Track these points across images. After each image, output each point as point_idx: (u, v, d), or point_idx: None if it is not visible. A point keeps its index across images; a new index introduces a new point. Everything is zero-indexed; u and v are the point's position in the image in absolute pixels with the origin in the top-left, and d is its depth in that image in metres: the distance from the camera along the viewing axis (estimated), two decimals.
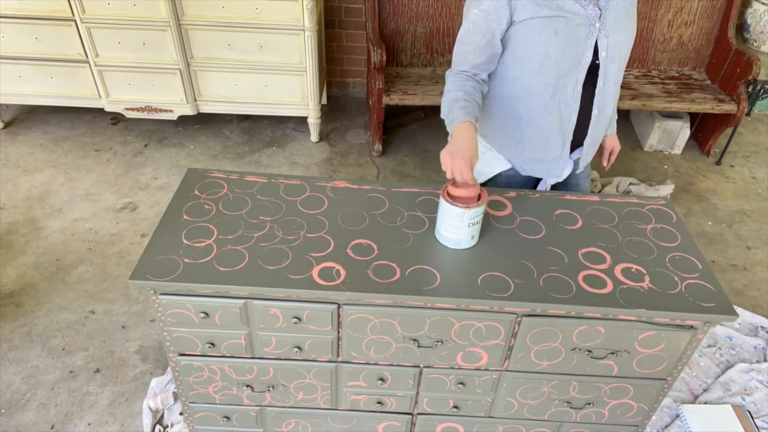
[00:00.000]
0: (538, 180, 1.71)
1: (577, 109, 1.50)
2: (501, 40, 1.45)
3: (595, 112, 1.53)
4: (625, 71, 3.46)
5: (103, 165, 3.16)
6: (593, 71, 1.46)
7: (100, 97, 3.16)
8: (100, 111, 3.45)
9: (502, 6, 1.38)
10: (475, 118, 1.42)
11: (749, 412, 2.02)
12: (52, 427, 1.94)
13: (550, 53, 1.40)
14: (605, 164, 1.79)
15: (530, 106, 1.50)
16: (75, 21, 2.89)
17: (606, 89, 1.51)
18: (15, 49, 3.00)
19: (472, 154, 1.33)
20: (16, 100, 3.21)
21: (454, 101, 1.45)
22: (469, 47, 1.47)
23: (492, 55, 1.47)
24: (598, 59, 1.45)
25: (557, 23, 1.37)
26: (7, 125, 3.41)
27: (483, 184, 1.69)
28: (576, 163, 1.68)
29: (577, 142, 1.60)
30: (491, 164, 1.68)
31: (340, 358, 1.45)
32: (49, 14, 2.88)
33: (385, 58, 3.01)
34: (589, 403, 1.52)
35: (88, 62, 3.03)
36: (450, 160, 1.32)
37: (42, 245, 2.62)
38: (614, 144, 1.78)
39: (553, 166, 1.62)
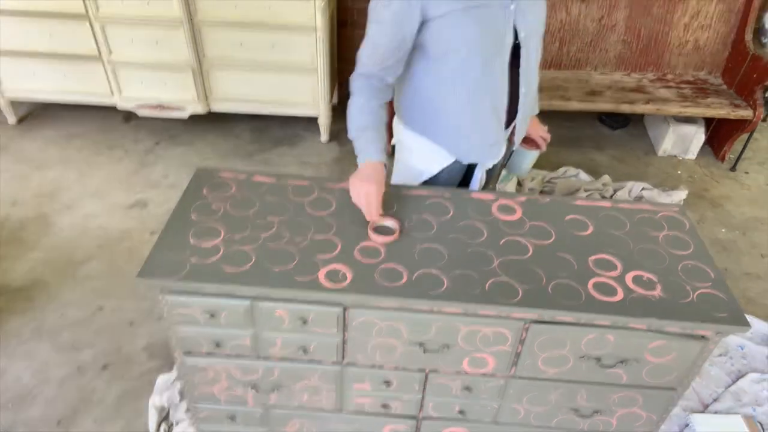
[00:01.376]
0: (472, 167, 1.72)
1: (508, 91, 1.52)
2: (414, 39, 1.43)
3: (523, 90, 1.55)
4: (640, 74, 3.43)
5: (114, 162, 3.17)
6: (515, 52, 1.48)
7: (112, 94, 3.18)
8: (113, 109, 3.46)
9: (411, 6, 1.36)
10: (384, 152, 1.47)
11: (760, 423, 1.99)
12: (58, 423, 1.95)
13: (474, 42, 1.40)
14: (543, 147, 1.83)
15: (462, 93, 1.50)
16: (89, 18, 2.91)
17: (530, 67, 1.53)
18: (29, 46, 3.03)
19: (381, 186, 1.43)
20: (30, 96, 3.24)
21: (364, 128, 1.48)
22: (378, 49, 1.43)
23: (401, 57, 1.46)
24: (518, 40, 1.46)
25: (475, 13, 1.37)
26: (20, 121, 3.44)
27: (426, 182, 1.71)
28: (510, 141, 1.72)
29: (508, 122, 1.62)
30: (433, 160, 1.67)
31: (345, 361, 1.44)
32: (63, 11, 2.90)
33: None
34: (597, 412, 1.50)
35: (102, 59, 3.05)
36: (360, 187, 1.41)
37: (52, 241, 2.64)
38: (539, 128, 1.82)
39: (493, 149, 1.65)
